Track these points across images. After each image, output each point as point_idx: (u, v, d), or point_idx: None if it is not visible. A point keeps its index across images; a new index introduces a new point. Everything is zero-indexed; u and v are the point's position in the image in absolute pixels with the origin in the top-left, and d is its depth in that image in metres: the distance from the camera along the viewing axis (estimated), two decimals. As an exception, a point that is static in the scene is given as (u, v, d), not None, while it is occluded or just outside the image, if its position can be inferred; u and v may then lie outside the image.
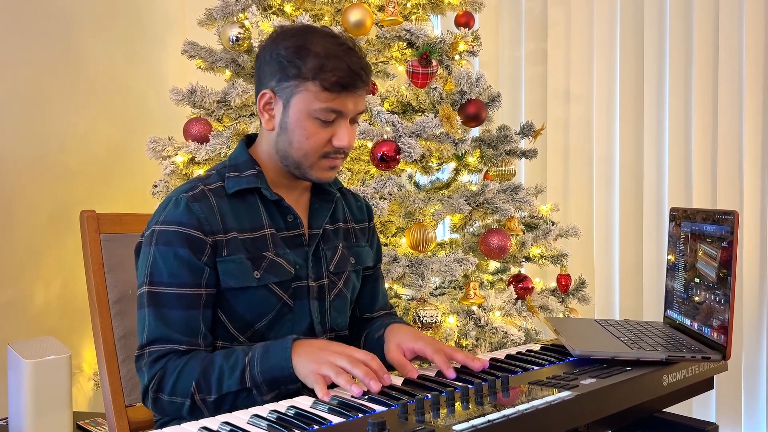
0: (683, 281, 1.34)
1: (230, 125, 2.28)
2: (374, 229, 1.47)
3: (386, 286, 2.17)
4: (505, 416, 0.85)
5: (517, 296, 2.32)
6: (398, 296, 2.31)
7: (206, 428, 0.91)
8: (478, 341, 2.12)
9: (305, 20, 2.06)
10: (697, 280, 1.27)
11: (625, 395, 1.05)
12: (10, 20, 2.44)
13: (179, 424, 0.93)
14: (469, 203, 2.20)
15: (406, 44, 2.27)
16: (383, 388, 1.03)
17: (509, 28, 3.37)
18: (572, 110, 3.22)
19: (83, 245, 1.46)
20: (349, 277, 1.36)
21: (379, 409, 0.93)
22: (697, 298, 1.27)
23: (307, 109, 1.20)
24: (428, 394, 0.96)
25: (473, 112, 2.18)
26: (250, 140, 1.33)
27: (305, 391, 1.09)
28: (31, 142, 2.51)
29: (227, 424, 0.92)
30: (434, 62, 2.14)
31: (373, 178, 2.18)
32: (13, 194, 2.44)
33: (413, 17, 2.37)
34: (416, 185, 2.68)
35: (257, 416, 0.94)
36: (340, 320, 1.34)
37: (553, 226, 2.46)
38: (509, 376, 1.02)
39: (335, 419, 0.90)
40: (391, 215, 2.20)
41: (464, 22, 2.56)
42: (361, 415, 0.91)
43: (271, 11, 2.29)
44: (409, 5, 2.43)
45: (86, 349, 2.65)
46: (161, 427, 1.24)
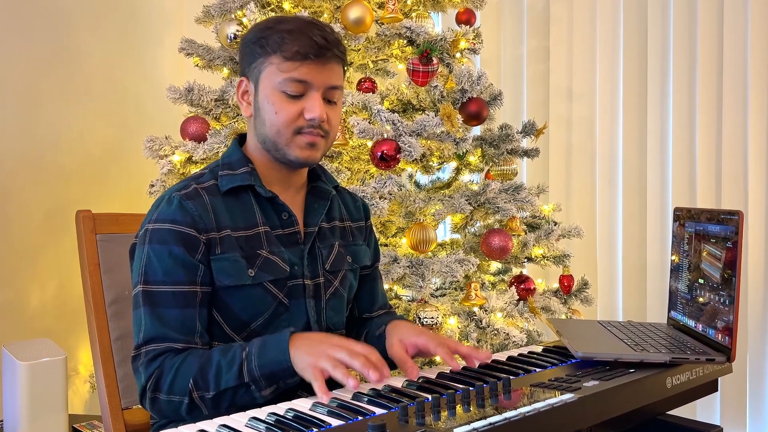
0: (687, 282, 1.34)
1: (228, 124, 2.28)
2: (371, 228, 1.47)
3: (386, 287, 2.18)
4: (506, 419, 0.85)
5: (518, 297, 2.32)
6: (398, 297, 2.31)
7: (203, 431, 0.91)
8: (479, 343, 2.12)
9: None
10: (701, 280, 1.27)
11: (628, 397, 1.05)
12: (3, 17, 2.44)
13: (176, 426, 0.93)
14: (470, 203, 2.20)
15: (406, 42, 2.27)
16: (383, 390, 1.03)
17: (511, 25, 3.38)
18: (575, 109, 3.22)
19: (79, 246, 1.46)
20: (345, 275, 1.36)
21: (378, 411, 0.93)
22: (701, 299, 1.27)
23: (273, 83, 1.22)
24: (429, 396, 0.96)
25: (474, 110, 2.18)
26: (242, 139, 1.34)
27: (304, 385, 1.09)
28: (25, 141, 2.51)
29: (225, 426, 0.92)
30: (435, 60, 2.14)
31: (373, 177, 2.18)
32: (8, 194, 2.44)
33: (414, 14, 2.37)
34: (417, 185, 2.68)
35: (255, 419, 0.94)
36: (336, 319, 1.34)
37: (555, 226, 2.46)
38: (511, 378, 1.02)
39: (334, 422, 0.90)
40: (391, 215, 2.20)
41: (465, 19, 2.57)
42: (360, 417, 0.91)
43: (269, 8, 2.29)
44: (409, 2, 2.43)
45: (82, 350, 2.65)
46: (157, 430, 1.24)
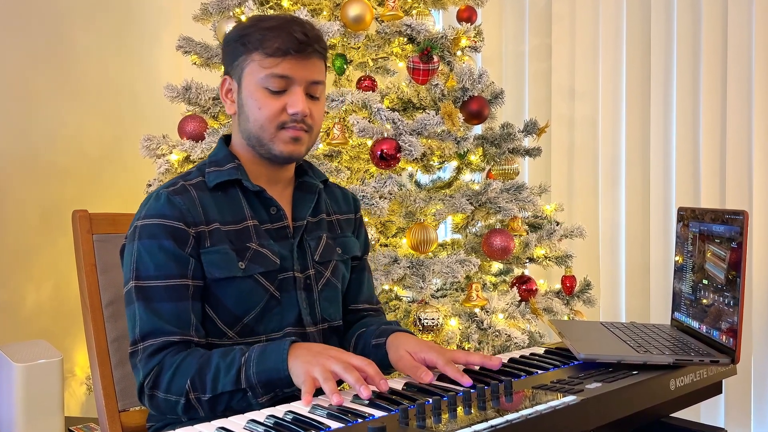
0: (691, 283, 1.34)
1: (226, 123, 2.28)
2: (361, 220, 1.49)
3: (386, 287, 2.18)
4: (508, 421, 0.85)
5: (520, 298, 2.32)
6: (399, 298, 2.31)
7: (201, 434, 0.91)
8: (480, 344, 2.12)
9: (303, 14, 2.06)
10: (705, 281, 1.27)
11: (631, 400, 1.05)
12: (-1, 15, 2.44)
13: (173, 429, 0.93)
14: (471, 203, 2.20)
15: (406, 40, 2.27)
16: (383, 393, 1.03)
17: (512, 23, 3.38)
18: (577, 107, 3.22)
19: (75, 246, 1.46)
20: (336, 266, 1.37)
21: (378, 414, 0.93)
22: (705, 300, 1.27)
23: (255, 79, 1.24)
24: (429, 398, 0.96)
25: (475, 109, 2.18)
26: (229, 139, 1.37)
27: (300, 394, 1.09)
28: (20, 140, 2.51)
29: (223, 429, 0.92)
30: (435, 58, 2.14)
31: (372, 177, 2.18)
32: (2, 194, 2.44)
33: (414, 12, 2.37)
34: (417, 184, 2.68)
35: (254, 421, 0.94)
36: (331, 310, 1.35)
37: (557, 226, 2.46)
38: (512, 380, 1.02)
39: (334, 424, 0.90)
40: (391, 215, 2.20)
41: (466, 16, 2.57)
42: (360, 420, 0.91)
43: (267, 5, 2.29)
44: (409, 0, 2.43)
45: (78, 352, 2.65)
46: (155, 433, 1.25)
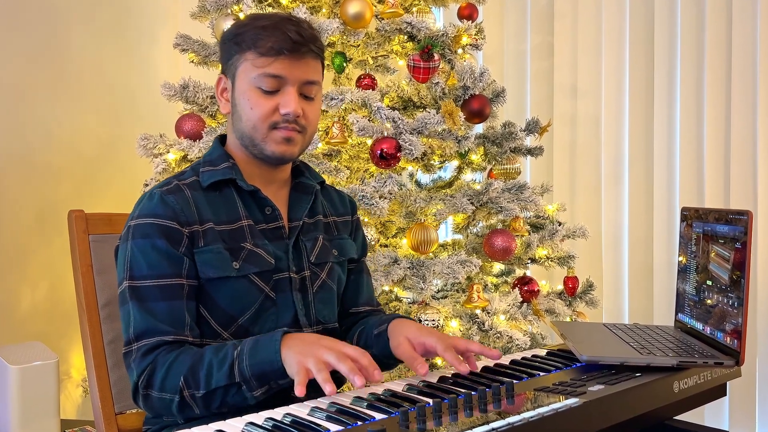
0: (695, 284, 1.34)
1: (224, 122, 2.28)
2: (358, 222, 1.49)
3: (386, 288, 2.18)
4: (509, 424, 0.85)
5: (522, 299, 2.33)
6: (399, 299, 2.31)
7: (199, 436, 0.91)
8: (481, 346, 2.12)
9: (302, 12, 2.06)
10: (709, 282, 1.27)
11: (634, 402, 1.05)
12: (-6, 12, 2.44)
13: (170, 431, 0.93)
14: (472, 203, 2.20)
15: (407, 37, 2.27)
16: (383, 395, 1.03)
17: (514, 20, 3.37)
18: (579, 106, 3.22)
19: (71, 246, 1.46)
20: (332, 268, 1.37)
21: (378, 416, 0.93)
22: (709, 301, 1.27)
23: (248, 78, 1.25)
24: (430, 400, 0.97)
25: (477, 108, 2.18)
26: (224, 139, 1.37)
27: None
28: (15, 139, 2.51)
29: (221, 432, 0.92)
30: (436, 56, 2.14)
31: (372, 176, 2.18)
32: (-2, 193, 2.44)
33: (414, 9, 2.37)
34: (417, 184, 2.68)
35: (252, 424, 0.94)
36: (326, 312, 1.35)
37: (559, 226, 2.46)
38: (514, 382, 1.02)
39: (333, 427, 0.90)
40: (391, 215, 2.20)
41: (467, 14, 2.57)
42: (360, 422, 0.91)
43: (266, 2, 2.29)
44: (410, -3, 2.43)
45: (74, 354, 2.66)
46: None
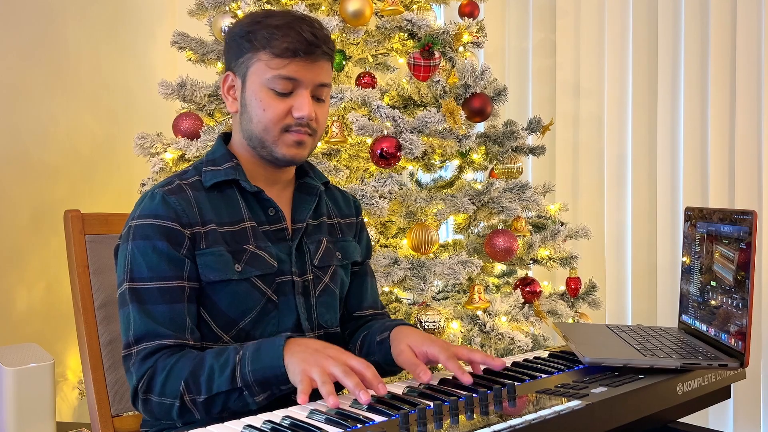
0: (699, 284, 1.34)
1: (222, 120, 2.28)
2: (363, 224, 1.49)
3: (387, 289, 2.18)
4: (511, 427, 0.85)
5: (524, 300, 2.33)
6: (399, 300, 2.31)
7: (197, 439, 0.91)
8: (483, 348, 2.12)
9: (301, 9, 2.06)
10: (713, 283, 1.27)
11: (637, 405, 1.05)
12: (-11, 10, 2.44)
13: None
14: (473, 203, 2.20)
15: (407, 35, 2.27)
16: (384, 397, 1.03)
17: (516, 17, 3.37)
18: (582, 105, 3.22)
19: (67, 247, 1.46)
20: (335, 272, 1.37)
21: (378, 419, 0.93)
22: (713, 302, 1.27)
23: (261, 79, 1.23)
24: (430, 403, 0.97)
25: (478, 106, 2.18)
26: (227, 137, 1.36)
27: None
28: (10, 137, 2.51)
29: (219, 434, 0.92)
30: (437, 54, 2.14)
31: (372, 176, 2.18)
32: (-7, 193, 2.44)
33: (415, 6, 2.37)
34: (418, 184, 2.68)
35: (250, 426, 0.94)
36: (328, 317, 1.35)
37: (562, 226, 2.46)
38: (516, 384, 1.02)
39: (332, 429, 0.90)
40: (391, 215, 2.20)
41: (468, 11, 2.57)
42: (359, 425, 0.91)
43: (264, 0, 2.29)
44: (410, -6, 2.43)
45: (71, 356, 2.66)
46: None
